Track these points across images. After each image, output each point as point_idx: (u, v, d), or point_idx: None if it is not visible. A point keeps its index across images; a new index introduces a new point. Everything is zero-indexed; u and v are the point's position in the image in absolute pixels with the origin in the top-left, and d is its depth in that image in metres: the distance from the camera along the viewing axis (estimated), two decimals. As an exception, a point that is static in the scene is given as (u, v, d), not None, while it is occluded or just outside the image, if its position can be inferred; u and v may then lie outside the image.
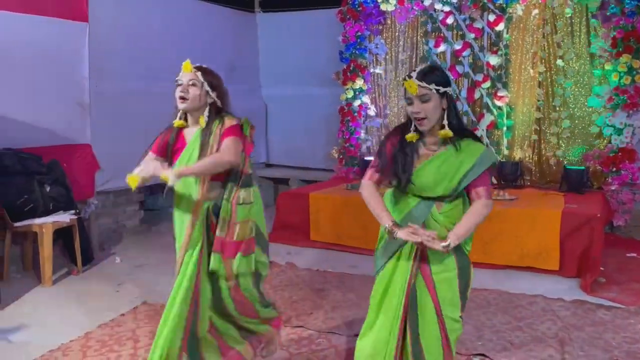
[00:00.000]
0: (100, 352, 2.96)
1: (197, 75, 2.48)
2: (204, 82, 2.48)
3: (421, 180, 2.12)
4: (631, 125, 5.04)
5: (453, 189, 2.10)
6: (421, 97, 2.03)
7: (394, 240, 2.08)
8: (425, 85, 2.01)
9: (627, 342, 3.02)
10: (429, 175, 2.11)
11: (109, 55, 5.00)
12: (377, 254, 2.27)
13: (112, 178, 5.12)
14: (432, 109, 2.04)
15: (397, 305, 2.15)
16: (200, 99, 2.49)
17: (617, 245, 4.89)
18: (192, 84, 2.47)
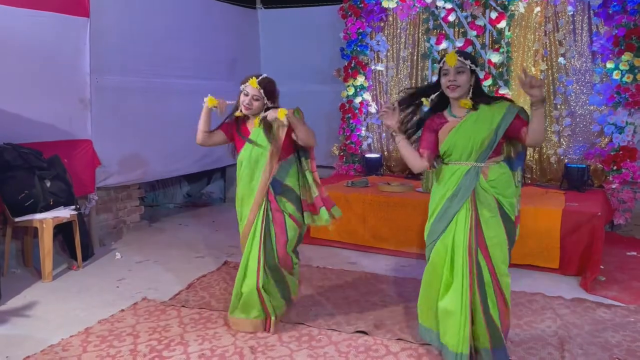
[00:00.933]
0: (100, 347, 2.96)
1: (260, 93, 3.09)
2: (264, 97, 3.10)
3: (460, 141, 2.56)
4: (632, 124, 5.03)
5: (492, 140, 2.53)
6: (457, 68, 2.54)
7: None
8: (462, 60, 2.54)
9: (627, 341, 3.02)
10: (466, 133, 2.55)
11: (110, 51, 4.99)
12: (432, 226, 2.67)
13: (113, 174, 5.12)
14: (464, 81, 2.55)
15: (463, 267, 2.53)
16: (260, 108, 3.12)
17: (617, 244, 4.90)
18: (256, 99, 3.09)
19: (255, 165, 3.10)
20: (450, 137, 2.60)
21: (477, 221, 2.54)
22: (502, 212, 2.58)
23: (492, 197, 2.55)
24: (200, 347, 2.96)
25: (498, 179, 2.57)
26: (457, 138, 2.58)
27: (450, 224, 2.59)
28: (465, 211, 2.56)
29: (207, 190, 7.53)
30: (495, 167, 2.59)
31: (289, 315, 3.36)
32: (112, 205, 5.34)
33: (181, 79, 5.90)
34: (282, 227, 3.11)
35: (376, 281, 4.04)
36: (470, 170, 2.57)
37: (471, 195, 2.55)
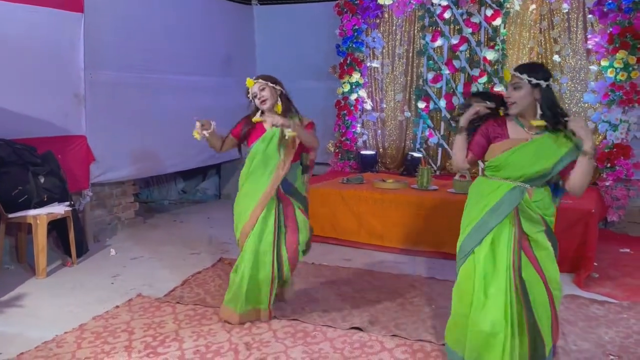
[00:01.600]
0: (94, 343, 2.96)
1: (260, 82, 3.19)
2: (267, 82, 3.19)
3: (519, 159, 2.41)
4: (626, 122, 5.06)
5: (547, 171, 2.39)
6: (513, 84, 2.40)
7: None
8: (517, 74, 2.38)
9: (620, 337, 3.04)
10: (527, 155, 2.40)
11: (104, 46, 4.96)
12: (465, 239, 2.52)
13: (107, 170, 5.10)
14: (520, 96, 2.39)
15: (507, 284, 2.39)
16: (273, 95, 3.19)
17: (610, 241, 4.93)
18: (262, 89, 3.17)
19: (269, 160, 3.16)
20: (505, 156, 2.43)
21: (521, 237, 2.44)
22: (547, 226, 2.49)
23: (536, 214, 2.45)
24: (195, 344, 2.96)
25: (542, 200, 2.47)
26: (513, 160, 2.42)
27: (486, 239, 2.46)
28: (508, 228, 2.44)
29: (202, 187, 7.52)
30: (539, 190, 2.47)
31: (285, 312, 3.37)
32: (106, 202, 5.33)
33: (176, 75, 5.88)
34: (293, 221, 3.23)
35: (371, 278, 4.05)
36: (515, 188, 2.44)
37: (514, 211, 2.43)
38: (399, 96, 6.41)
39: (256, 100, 3.19)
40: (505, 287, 2.39)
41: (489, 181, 2.52)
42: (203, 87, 6.30)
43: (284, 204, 3.21)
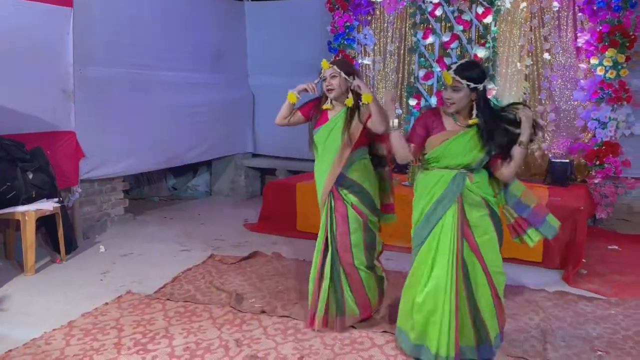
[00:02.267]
0: (83, 341, 2.94)
1: (334, 69, 3.00)
2: (340, 72, 2.99)
3: (455, 149, 2.58)
4: (615, 119, 5.10)
5: (481, 159, 2.57)
6: (453, 87, 2.54)
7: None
8: (457, 78, 2.51)
9: (608, 333, 3.07)
10: (461, 145, 2.58)
11: (94, 42, 4.92)
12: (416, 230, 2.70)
13: (97, 166, 5.07)
14: (459, 98, 2.54)
15: (448, 266, 2.55)
16: (342, 85, 3.01)
17: (599, 238, 4.97)
18: (332, 76, 3.00)
19: (329, 150, 3.03)
20: (444, 146, 2.60)
21: (464, 223, 2.58)
22: (491, 210, 2.61)
23: (479, 196, 2.59)
24: (185, 340, 2.95)
25: (481, 181, 2.61)
26: (450, 150, 2.59)
27: (436, 227, 2.61)
28: (452, 214, 2.58)
29: (193, 184, 7.49)
30: (478, 172, 2.63)
31: (276, 309, 3.36)
32: (96, 198, 5.29)
33: (167, 71, 5.85)
34: (344, 217, 3.00)
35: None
36: (457, 175, 2.60)
37: (458, 198, 2.58)
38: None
39: (324, 85, 3.04)
40: (447, 269, 2.55)
41: (431, 173, 2.67)
42: (194, 83, 6.26)
43: (335, 198, 3.02)
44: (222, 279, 3.92)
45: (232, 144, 7.03)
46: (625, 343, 2.95)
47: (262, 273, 4.08)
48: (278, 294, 3.63)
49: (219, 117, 6.67)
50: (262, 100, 7.31)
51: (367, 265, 3.06)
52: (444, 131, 2.62)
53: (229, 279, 3.95)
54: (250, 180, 7.33)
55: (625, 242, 4.92)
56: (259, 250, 4.63)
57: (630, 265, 4.29)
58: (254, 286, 3.80)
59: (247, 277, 3.98)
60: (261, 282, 3.87)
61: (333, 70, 2.98)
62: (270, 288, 3.75)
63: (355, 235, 3.00)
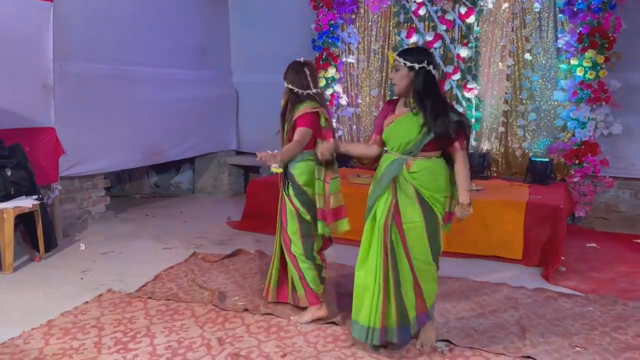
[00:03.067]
0: (63, 340, 2.90)
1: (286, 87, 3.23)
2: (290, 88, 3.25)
3: (394, 131, 2.71)
4: (594, 119, 5.18)
5: (416, 142, 2.64)
6: (394, 66, 2.69)
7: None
8: (396, 57, 2.67)
9: (586, 329, 3.13)
10: (399, 127, 2.70)
11: (74, 36, 4.85)
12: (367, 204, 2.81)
13: (77, 163, 5.00)
14: (399, 77, 2.67)
15: (379, 246, 2.68)
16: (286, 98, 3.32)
17: (577, 236, 5.05)
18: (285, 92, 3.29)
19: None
20: (388, 130, 2.75)
21: (395, 205, 2.67)
22: (422, 200, 2.65)
23: (410, 185, 2.65)
24: (167, 339, 2.93)
25: (421, 172, 2.65)
26: (392, 132, 2.73)
27: (374, 206, 2.74)
28: (386, 195, 2.70)
29: (176, 181, 7.44)
30: (421, 161, 2.66)
31: (259, 307, 3.36)
32: (76, 195, 5.22)
33: (149, 67, 5.79)
34: (283, 207, 3.22)
35: (345, 272, 4.06)
36: (395, 160, 2.70)
37: (392, 182, 2.69)
38: (374, 92, 6.43)
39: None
40: (378, 250, 2.68)
41: (385, 155, 2.83)
42: (177, 79, 6.21)
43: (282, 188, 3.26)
44: (204, 277, 3.91)
45: (215, 141, 6.99)
46: (603, 339, 3.00)
47: (245, 271, 4.07)
48: (261, 292, 3.61)
49: (203, 114, 6.63)
50: (246, 97, 7.28)
51: (304, 255, 3.16)
52: (392, 114, 2.77)
53: (212, 277, 3.93)
54: (234, 177, 7.30)
55: (603, 240, 5.01)
56: (242, 248, 4.62)
57: (608, 263, 4.37)
58: (237, 284, 3.78)
59: (230, 275, 3.97)
60: (244, 280, 3.86)
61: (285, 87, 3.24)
62: (253, 286, 3.74)
63: (291, 223, 3.17)
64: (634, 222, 5.54)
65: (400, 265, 2.67)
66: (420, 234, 2.65)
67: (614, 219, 5.60)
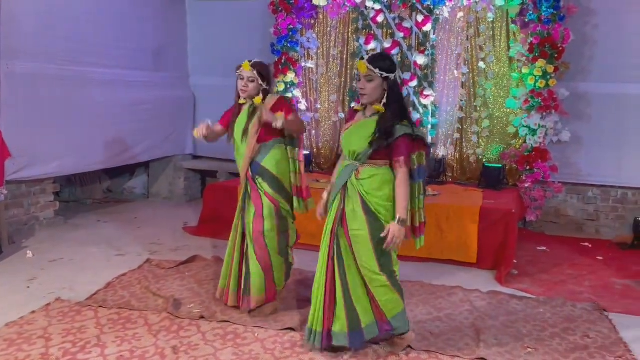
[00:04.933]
0: (7, 352, 2.76)
1: (254, 74, 3.17)
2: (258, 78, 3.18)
3: (347, 138, 2.73)
4: (544, 127, 5.36)
5: (364, 149, 2.63)
6: (366, 76, 2.61)
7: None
8: (371, 68, 2.58)
9: (537, 330, 3.22)
10: (351, 134, 2.71)
11: (22, 35, 4.66)
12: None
13: (25, 166, 4.80)
14: (373, 88, 2.62)
15: (325, 251, 2.73)
16: (256, 90, 3.22)
17: (529, 240, 5.21)
18: (251, 80, 3.18)
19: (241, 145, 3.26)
20: (344, 135, 2.78)
21: (343, 212, 2.69)
22: (367, 209, 2.64)
23: (356, 192, 2.65)
24: (118, 349, 2.83)
25: (369, 179, 2.65)
26: (346, 137, 2.75)
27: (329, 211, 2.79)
28: (337, 201, 2.73)
29: (129, 186, 7.24)
30: (370, 169, 2.66)
31: (215, 314, 3.30)
32: (23, 200, 5.01)
33: (102, 68, 5.62)
34: (258, 205, 3.20)
35: (304, 278, 4.04)
36: (347, 166, 2.72)
37: (343, 189, 2.71)
38: (333, 97, 6.46)
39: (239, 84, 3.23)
40: (323, 255, 2.73)
41: (341, 161, 2.85)
42: (131, 81, 6.06)
43: (250, 185, 3.24)
44: (159, 284, 3.81)
45: (171, 145, 6.85)
46: (553, 340, 3.09)
47: (201, 277, 3.99)
48: (217, 299, 3.56)
49: (158, 117, 6.49)
50: (203, 100, 7.17)
51: (279, 251, 3.25)
52: (351, 121, 2.80)
53: (167, 284, 3.84)
54: (190, 182, 7.16)
55: (553, 243, 5.19)
56: (199, 254, 4.53)
57: (558, 265, 4.53)
58: (193, 291, 3.71)
59: (185, 282, 3.88)
60: (200, 287, 3.79)
61: (253, 74, 3.17)
62: (210, 293, 3.68)
63: (268, 220, 3.19)
64: (582, 226, 5.77)
65: (349, 271, 2.68)
66: (364, 243, 2.64)
67: (563, 223, 5.81)
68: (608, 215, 5.71)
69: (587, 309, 3.56)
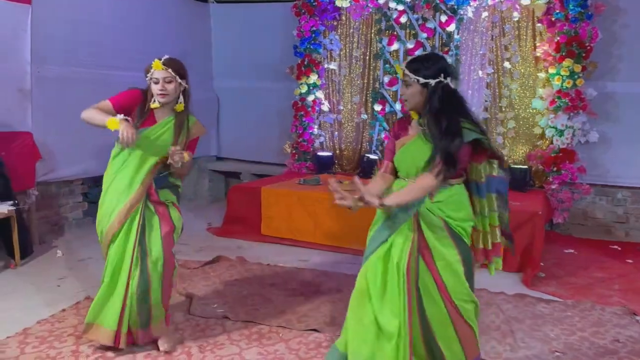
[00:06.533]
0: (39, 348, 2.83)
1: (170, 73, 2.73)
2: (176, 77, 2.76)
3: (406, 156, 2.30)
4: (572, 127, 5.27)
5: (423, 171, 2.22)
6: (405, 81, 2.27)
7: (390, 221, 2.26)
8: (406, 71, 2.24)
9: (565, 334, 3.16)
10: (410, 151, 2.28)
11: (52, 40, 4.77)
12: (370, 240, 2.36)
13: (55, 168, 4.91)
14: (410, 94, 2.26)
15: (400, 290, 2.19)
16: (177, 90, 2.79)
17: (556, 242, 5.13)
18: (169, 81, 2.74)
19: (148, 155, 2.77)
20: (399, 152, 2.33)
21: (421, 244, 2.23)
22: (452, 232, 2.25)
23: (438, 218, 2.24)
24: (146, 347, 2.87)
25: (446, 201, 2.25)
26: (405, 157, 2.31)
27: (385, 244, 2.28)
28: (405, 233, 2.24)
29: (155, 187, 7.34)
30: (445, 190, 2.24)
31: (239, 314, 3.33)
32: (53, 201, 5.12)
33: (127, 72, 5.68)
34: (166, 216, 2.81)
35: (327, 279, 4.06)
36: None
37: (414, 216, 2.24)
38: (355, 98, 6.46)
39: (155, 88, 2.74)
40: (400, 294, 2.19)
41: (397, 180, 2.38)
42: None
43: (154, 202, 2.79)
44: (184, 284, 3.86)
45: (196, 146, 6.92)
46: (582, 344, 3.04)
47: (225, 278, 4.03)
48: (242, 299, 3.59)
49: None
50: (226, 103, 7.25)
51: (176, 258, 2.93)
52: (406, 136, 2.36)
53: (192, 283, 3.88)
54: (214, 183, 7.24)
55: (581, 246, 5.09)
56: (223, 254, 4.58)
57: (585, 268, 4.44)
58: (217, 291, 3.75)
59: (210, 282, 3.93)
60: (224, 287, 3.83)
61: (169, 74, 2.72)
62: (234, 293, 3.71)
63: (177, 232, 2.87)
64: (610, 229, 5.65)
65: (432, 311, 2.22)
66: (454, 271, 2.23)
67: (591, 226, 5.70)
68: (638, 218, 5.58)
69: (616, 312, 3.49)
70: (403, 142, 2.33)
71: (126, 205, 2.70)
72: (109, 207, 2.74)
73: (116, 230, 2.70)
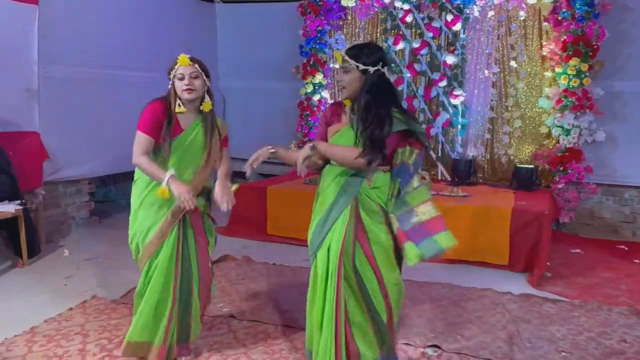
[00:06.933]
0: (46, 347, 2.85)
1: (197, 68, 2.65)
2: (202, 73, 2.67)
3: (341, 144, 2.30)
4: (578, 127, 5.24)
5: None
6: (343, 67, 2.26)
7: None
8: (345, 57, 2.24)
9: (572, 334, 3.15)
10: (344, 140, 2.29)
11: (59, 40, 4.80)
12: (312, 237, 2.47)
13: (61, 168, 4.94)
14: (348, 81, 2.25)
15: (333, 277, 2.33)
16: (203, 87, 2.69)
17: (562, 242, 5.10)
18: (195, 77, 2.64)
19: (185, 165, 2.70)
20: (332, 141, 2.34)
21: (357, 226, 2.27)
22: (387, 218, 2.28)
23: (375, 203, 2.27)
24: (152, 346, 2.89)
25: (383, 187, 2.28)
26: (339, 142, 2.32)
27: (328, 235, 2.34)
28: (342, 218, 2.29)
29: (162, 186, 7.35)
30: (381, 175, 2.28)
31: (245, 314, 3.33)
32: (60, 201, 5.15)
33: (133, 71, 5.75)
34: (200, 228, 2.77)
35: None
36: (351, 177, 2.30)
37: (353, 201, 2.28)
38: (361, 98, 6.45)
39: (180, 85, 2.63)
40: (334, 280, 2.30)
41: (332, 169, 2.38)
42: (162, 84, 6.13)
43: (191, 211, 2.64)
44: (191, 283, 3.86)
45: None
46: (589, 344, 3.03)
47: (231, 277, 4.04)
48: (248, 298, 3.60)
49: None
50: (232, 102, 7.26)
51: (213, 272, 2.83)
52: (338, 123, 2.37)
53: (198, 283, 3.89)
54: (220, 183, 7.24)
55: (588, 246, 5.07)
56: (229, 254, 4.59)
57: (592, 268, 4.42)
58: (223, 290, 3.75)
59: (216, 281, 3.93)
60: (231, 286, 3.83)
61: (195, 69, 2.63)
62: (240, 292, 3.72)
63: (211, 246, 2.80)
64: (617, 228, 5.62)
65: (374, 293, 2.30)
66: (389, 256, 2.29)
67: (597, 225, 5.67)
68: (645, 218, 5.56)
69: (623, 313, 3.47)
70: (335, 129, 2.37)
71: (167, 219, 2.60)
72: (143, 224, 2.65)
73: (157, 246, 2.60)
